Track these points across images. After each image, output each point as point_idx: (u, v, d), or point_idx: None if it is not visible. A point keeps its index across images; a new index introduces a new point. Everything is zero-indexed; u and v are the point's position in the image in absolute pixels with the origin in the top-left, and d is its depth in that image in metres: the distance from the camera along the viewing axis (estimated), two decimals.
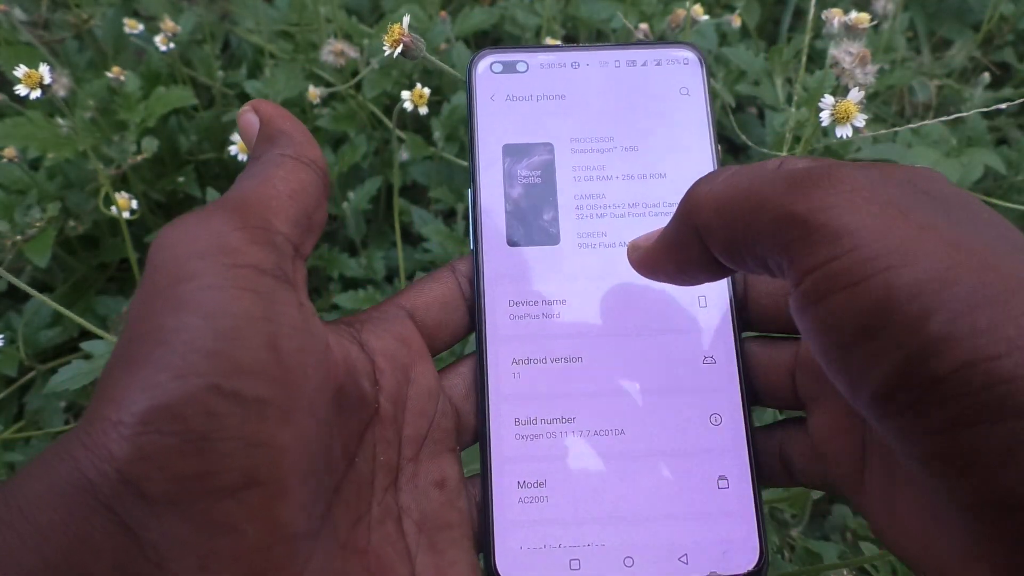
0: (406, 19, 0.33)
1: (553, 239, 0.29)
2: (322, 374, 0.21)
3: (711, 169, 0.29)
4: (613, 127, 0.30)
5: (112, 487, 0.17)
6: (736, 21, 0.65)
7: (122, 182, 0.62)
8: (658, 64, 0.31)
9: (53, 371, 0.49)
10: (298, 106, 0.66)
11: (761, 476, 0.26)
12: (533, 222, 0.29)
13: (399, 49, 0.33)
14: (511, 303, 0.28)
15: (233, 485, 0.18)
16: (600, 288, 0.28)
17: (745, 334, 0.28)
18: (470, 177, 0.29)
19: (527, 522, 0.26)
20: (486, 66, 0.31)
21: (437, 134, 0.61)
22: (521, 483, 0.26)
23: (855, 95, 0.36)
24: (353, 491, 0.23)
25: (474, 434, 0.27)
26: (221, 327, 0.18)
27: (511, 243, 0.29)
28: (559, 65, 0.31)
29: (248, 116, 0.24)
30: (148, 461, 0.17)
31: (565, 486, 0.26)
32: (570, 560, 0.26)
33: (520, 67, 0.31)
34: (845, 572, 0.41)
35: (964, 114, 0.46)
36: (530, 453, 0.27)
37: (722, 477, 0.26)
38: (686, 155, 0.30)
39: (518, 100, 0.30)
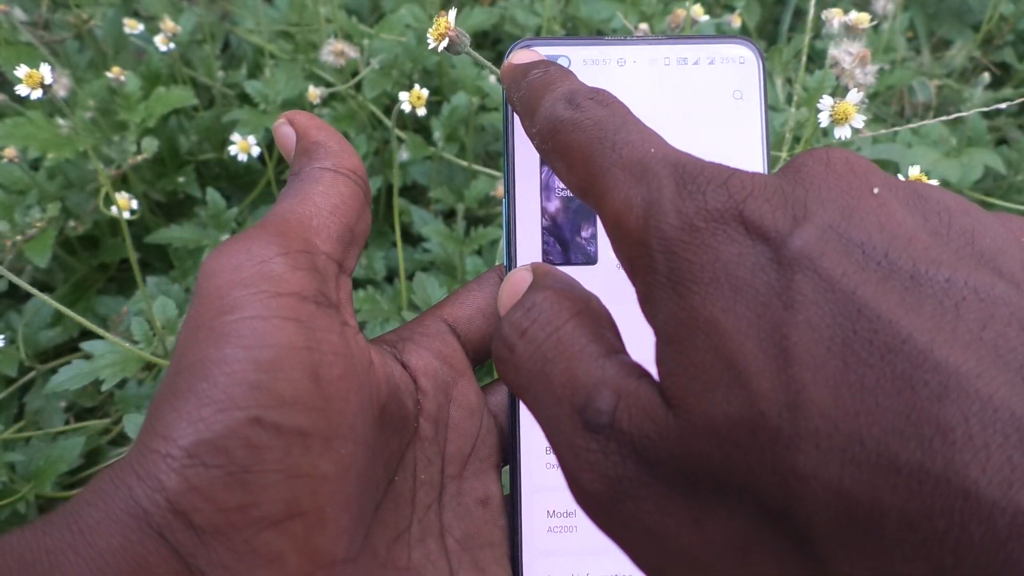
0: (452, 12, 0.32)
1: (591, 258, 0.27)
2: (364, 398, 0.21)
3: None
4: (659, 134, 0.28)
5: (164, 516, 0.18)
6: (736, 21, 0.65)
7: (122, 182, 0.62)
8: (711, 63, 0.28)
9: (53, 371, 0.49)
10: (298, 106, 0.66)
11: None
12: (571, 239, 0.27)
13: (444, 43, 0.33)
14: None
15: (275, 516, 0.19)
16: (639, 312, 0.27)
17: None
18: (505, 187, 0.28)
19: (555, 551, 0.26)
20: None
21: (437, 134, 0.61)
22: (551, 512, 0.26)
23: (854, 96, 0.36)
24: (392, 509, 0.23)
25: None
26: (262, 359, 0.19)
27: (547, 262, 0.27)
28: (603, 62, 0.28)
29: (284, 129, 0.25)
30: (196, 493, 0.18)
31: None
32: None
33: (561, 63, 0.27)
34: None
35: (964, 114, 0.46)
36: (560, 482, 0.26)
37: None
38: (735, 167, 0.27)
39: None
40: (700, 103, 0.28)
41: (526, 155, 0.28)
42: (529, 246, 0.27)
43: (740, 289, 0.15)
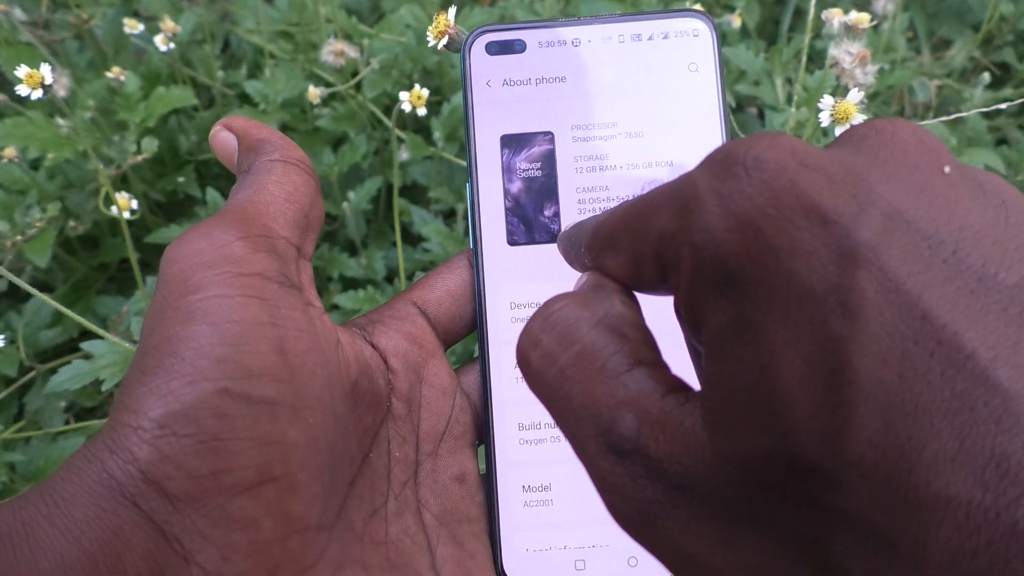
0: (452, 10, 0.33)
1: (555, 237, 0.28)
2: (332, 372, 0.22)
3: None
4: (617, 111, 0.28)
5: (137, 486, 0.18)
6: (736, 21, 0.65)
7: (122, 182, 0.62)
8: (665, 37, 0.28)
9: (53, 371, 0.49)
10: (298, 106, 0.66)
11: None
12: (534, 219, 0.28)
13: (444, 40, 0.33)
14: (512, 305, 0.27)
15: (247, 482, 0.19)
16: None
17: None
18: (468, 171, 0.28)
19: (532, 525, 0.26)
20: (481, 47, 0.29)
21: (437, 134, 0.61)
22: (526, 487, 0.26)
23: (854, 95, 0.36)
24: (367, 485, 0.24)
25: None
26: (228, 333, 0.19)
27: (511, 242, 0.28)
28: (559, 43, 0.28)
29: (222, 135, 0.25)
30: (167, 461, 0.18)
31: (570, 489, 0.27)
32: (575, 561, 0.26)
33: (517, 47, 0.28)
34: None
35: (964, 114, 0.46)
36: (534, 457, 0.27)
37: None
38: (694, 140, 0.27)
39: (516, 85, 0.28)
40: (656, 78, 0.28)
41: (487, 139, 0.28)
42: (494, 228, 0.28)
43: (794, 288, 0.13)
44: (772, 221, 0.13)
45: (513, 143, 0.28)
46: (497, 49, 0.29)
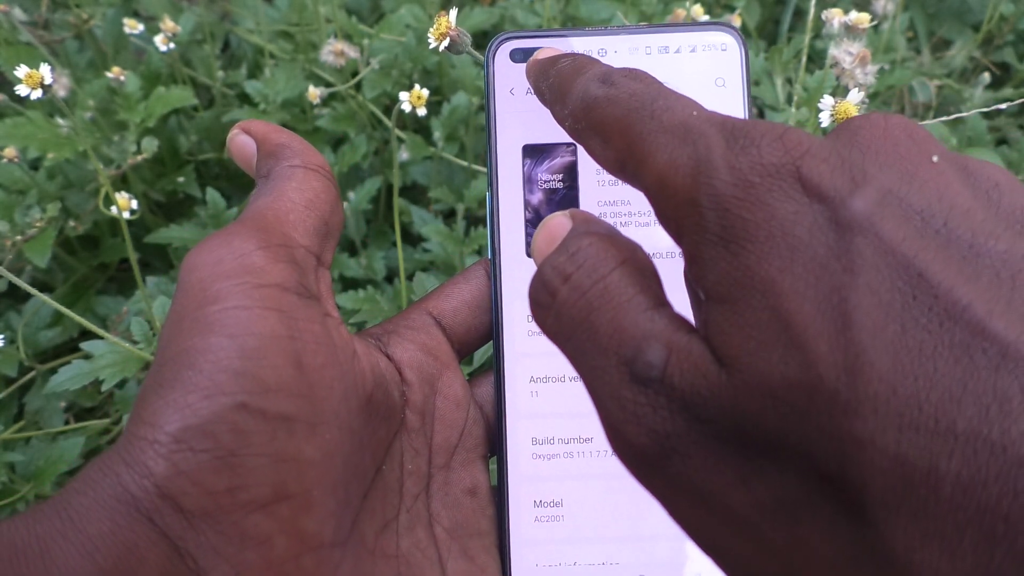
0: (454, 12, 0.33)
1: None
2: (348, 386, 0.22)
3: None
4: None
5: (152, 501, 0.18)
6: (736, 21, 0.65)
7: (122, 182, 0.62)
8: (692, 51, 0.28)
9: (53, 371, 0.49)
10: (298, 106, 0.66)
11: None
12: None
13: (445, 43, 0.33)
14: (529, 318, 0.27)
15: (262, 499, 0.19)
16: None
17: None
18: (488, 181, 0.28)
19: (543, 540, 0.26)
20: (505, 55, 0.28)
21: (437, 134, 0.61)
22: (537, 502, 0.26)
23: (855, 95, 0.36)
24: (380, 498, 0.23)
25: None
26: (247, 346, 0.19)
27: (530, 254, 0.27)
28: (585, 53, 0.27)
29: (241, 139, 0.25)
30: (183, 477, 0.18)
31: (581, 505, 0.26)
32: None
33: None
34: None
35: (964, 114, 0.46)
36: (547, 472, 0.27)
37: None
38: None
39: None
40: (683, 91, 0.27)
41: (509, 149, 0.28)
42: (513, 239, 0.28)
43: (797, 249, 0.15)
44: (776, 195, 0.16)
45: (535, 153, 0.28)
46: (522, 57, 0.28)
